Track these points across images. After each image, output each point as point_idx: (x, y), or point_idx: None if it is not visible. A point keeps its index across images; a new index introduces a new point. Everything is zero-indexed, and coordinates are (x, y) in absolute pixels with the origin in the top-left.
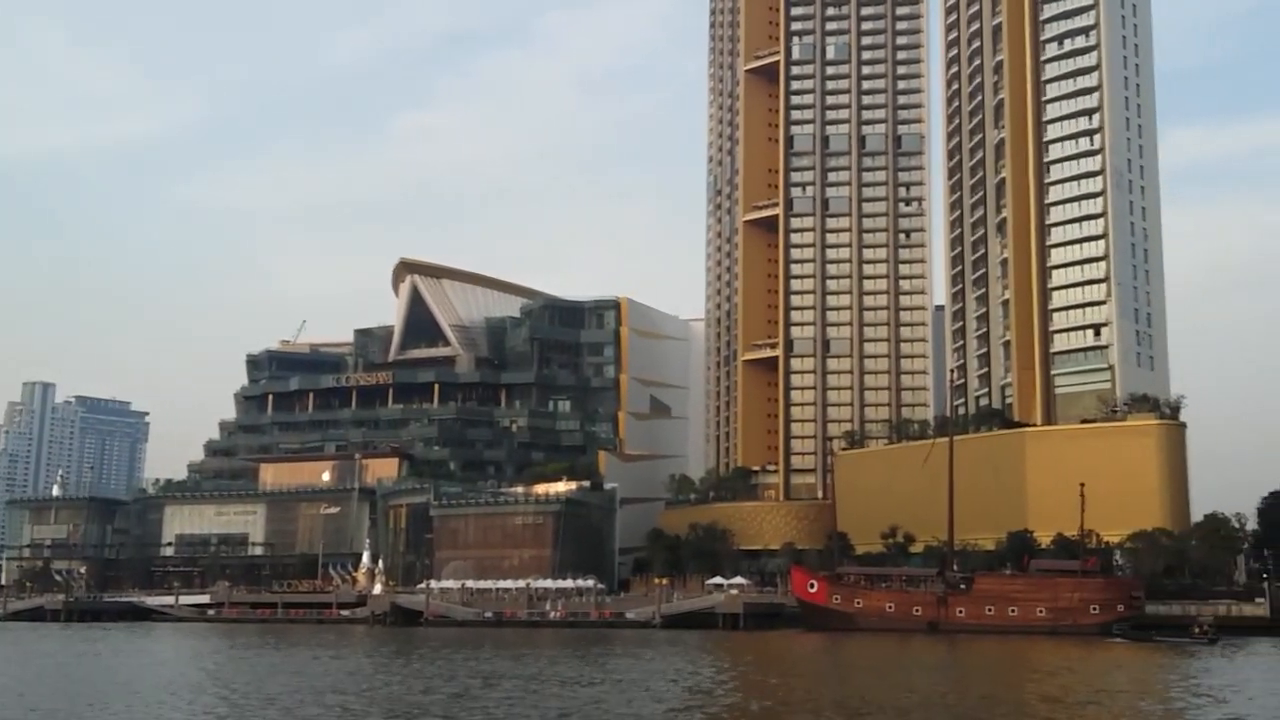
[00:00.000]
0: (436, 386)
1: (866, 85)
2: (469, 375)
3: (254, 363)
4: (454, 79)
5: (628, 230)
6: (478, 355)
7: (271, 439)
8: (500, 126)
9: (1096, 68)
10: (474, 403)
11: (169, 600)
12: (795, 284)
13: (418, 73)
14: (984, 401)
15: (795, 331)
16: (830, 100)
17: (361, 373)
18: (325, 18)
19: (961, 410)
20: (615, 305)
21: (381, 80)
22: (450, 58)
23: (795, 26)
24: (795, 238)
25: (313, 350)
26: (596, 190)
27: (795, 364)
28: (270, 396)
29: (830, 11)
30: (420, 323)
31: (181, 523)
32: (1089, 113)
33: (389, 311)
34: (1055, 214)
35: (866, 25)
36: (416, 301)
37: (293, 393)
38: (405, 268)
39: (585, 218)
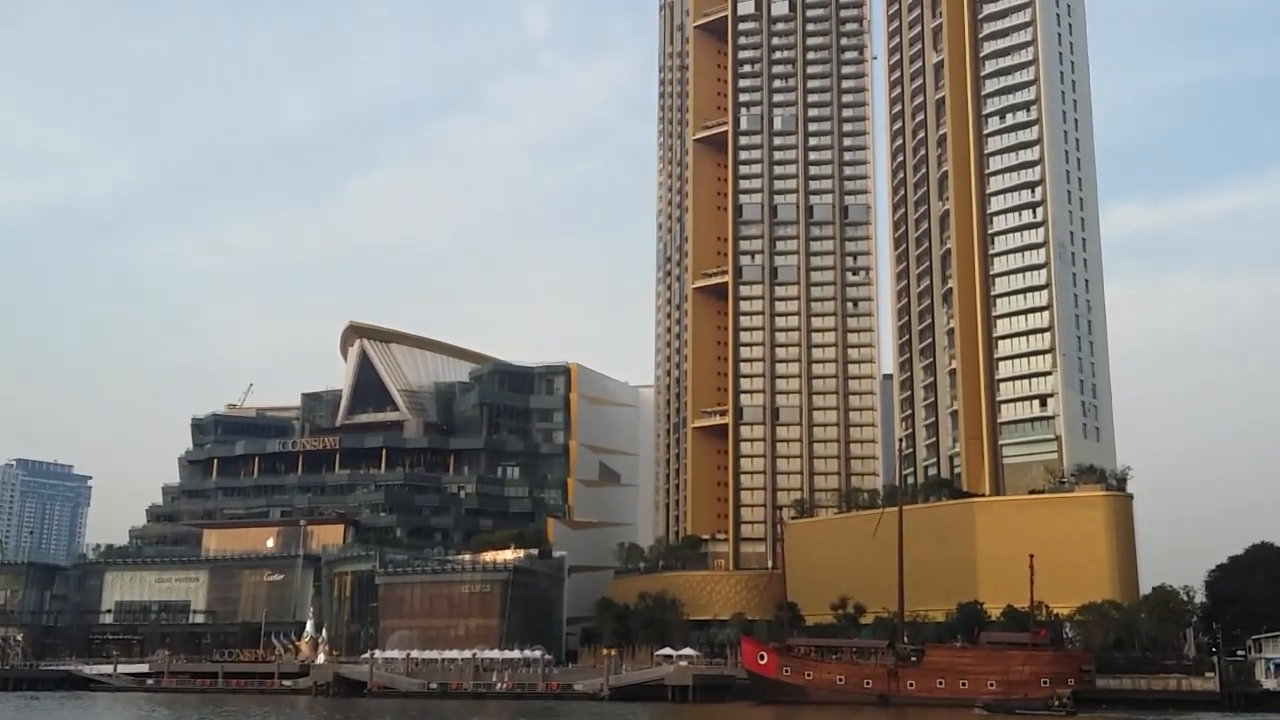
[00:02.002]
0: (384, 452)
1: (813, 156)
2: (417, 441)
3: (199, 426)
4: (405, 143)
5: (578, 296)
6: (426, 420)
7: (216, 504)
8: (451, 191)
9: (1038, 141)
10: (422, 468)
11: (107, 669)
12: (744, 351)
13: (368, 137)
14: (933, 471)
15: (744, 399)
16: (778, 170)
17: (308, 437)
18: (277, 81)
19: (910, 480)
20: (565, 371)
21: (332, 143)
22: (402, 122)
23: (743, 98)
24: (744, 305)
25: (259, 414)
26: (547, 256)
27: (745, 431)
28: (215, 461)
29: (777, 84)
30: (369, 387)
31: (122, 589)
32: (1031, 186)
33: (337, 375)
34: (1000, 285)
35: (813, 98)
36: (365, 366)
37: (238, 457)
38: (354, 331)
39: (536, 283)
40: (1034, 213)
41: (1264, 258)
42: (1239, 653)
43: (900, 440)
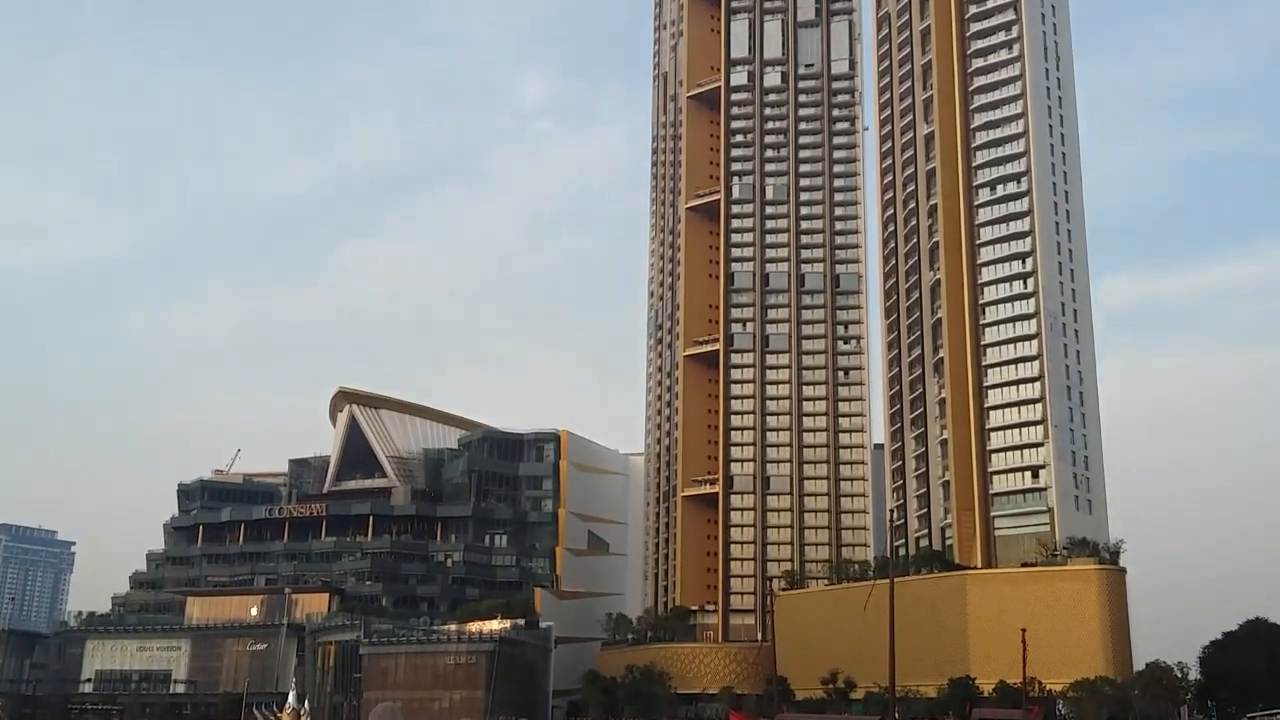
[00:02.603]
0: (371, 519)
1: (805, 225)
2: (405, 508)
3: (185, 493)
4: (398, 212)
5: (570, 363)
6: (415, 487)
7: (200, 571)
8: (443, 259)
9: (1029, 213)
10: (409, 536)
11: None
12: (735, 420)
13: (364, 204)
14: (924, 542)
15: (735, 468)
16: (770, 239)
17: (295, 504)
18: (272, 149)
19: (901, 551)
20: (555, 438)
21: (327, 210)
22: (395, 191)
23: (735, 167)
24: (735, 374)
25: (246, 480)
26: (539, 323)
27: (735, 501)
28: (200, 527)
29: (769, 153)
30: (357, 453)
31: (103, 658)
32: (1022, 256)
33: (326, 442)
34: (991, 355)
35: (804, 167)
36: (354, 432)
37: (223, 523)
38: (344, 397)
39: (527, 350)
40: (1025, 283)
41: (1253, 332)
42: None
43: (891, 511)
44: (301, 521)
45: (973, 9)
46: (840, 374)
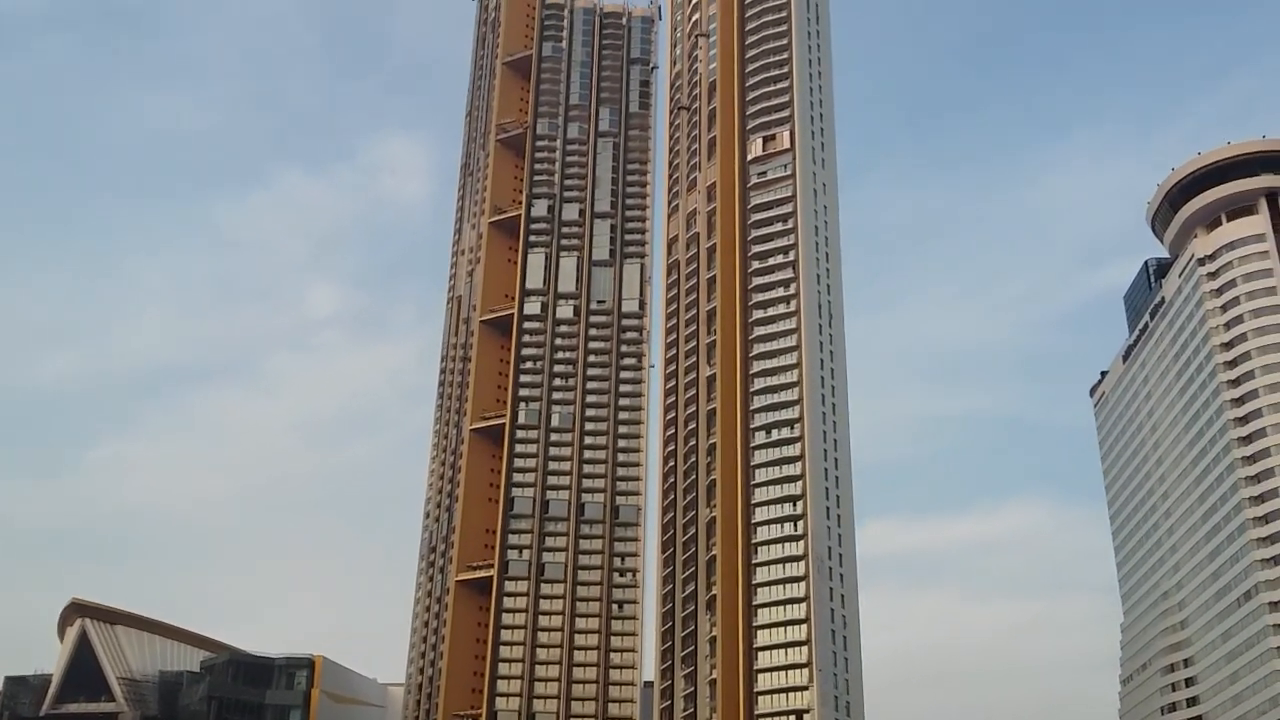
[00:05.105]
0: None
1: (588, 455)
2: None
3: None
4: (164, 411)
5: (335, 583)
6: (146, 713)
7: None
8: (210, 464)
9: (800, 458)
10: None
11: None
12: (504, 651)
13: (128, 401)
14: None
15: (500, 703)
16: (552, 465)
17: None
18: (30, 339)
19: None
20: (309, 664)
21: (87, 405)
22: (167, 389)
23: (523, 393)
24: (509, 602)
25: None
26: (306, 538)
27: None
28: None
29: (558, 382)
30: (85, 673)
31: None
32: (793, 499)
33: (51, 657)
34: (762, 594)
35: (591, 398)
36: (84, 648)
37: None
38: (76, 610)
39: (292, 566)
40: (795, 525)
41: (1005, 585)
42: None
43: None
44: None
45: (755, 264)
46: (614, 607)
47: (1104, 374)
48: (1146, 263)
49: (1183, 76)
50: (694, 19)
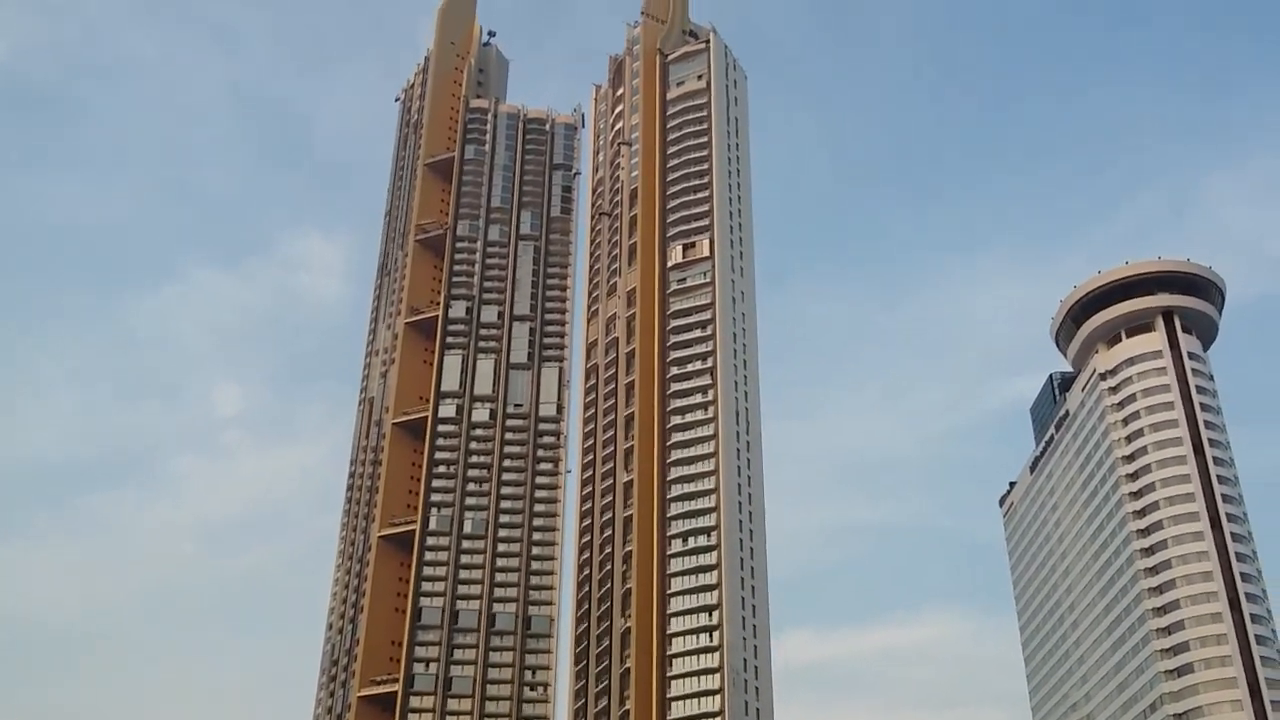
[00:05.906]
0: None
1: (501, 563)
2: None
3: None
4: (56, 513)
5: (228, 699)
6: None
7: None
8: (101, 569)
9: (716, 566)
10: None
11: None
12: None
13: (12, 504)
14: None
15: None
16: (463, 574)
17: None
18: None
19: None
20: None
21: None
22: (56, 490)
23: (435, 498)
24: (413, 718)
25: None
26: (196, 650)
27: None
28: None
29: (471, 487)
30: None
31: None
32: (709, 609)
33: None
34: (676, 709)
35: (505, 504)
36: None
37: None
38: None
39: (182, 678)
40: (710, 636)
41: (921, 696)
42: None
43: None
44: None
45: (674, 370)
46: None
47: (1012, 485)
48: (1051, 376)
49: (1086, 198)
50: (616, 127)
